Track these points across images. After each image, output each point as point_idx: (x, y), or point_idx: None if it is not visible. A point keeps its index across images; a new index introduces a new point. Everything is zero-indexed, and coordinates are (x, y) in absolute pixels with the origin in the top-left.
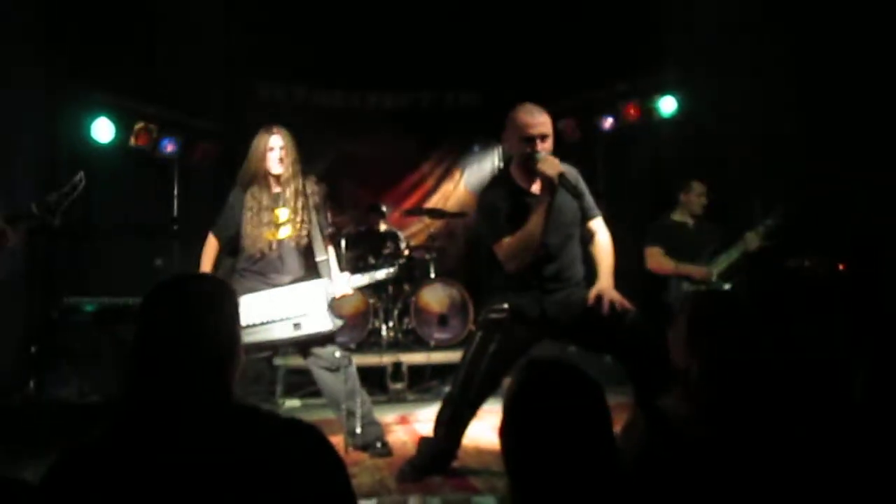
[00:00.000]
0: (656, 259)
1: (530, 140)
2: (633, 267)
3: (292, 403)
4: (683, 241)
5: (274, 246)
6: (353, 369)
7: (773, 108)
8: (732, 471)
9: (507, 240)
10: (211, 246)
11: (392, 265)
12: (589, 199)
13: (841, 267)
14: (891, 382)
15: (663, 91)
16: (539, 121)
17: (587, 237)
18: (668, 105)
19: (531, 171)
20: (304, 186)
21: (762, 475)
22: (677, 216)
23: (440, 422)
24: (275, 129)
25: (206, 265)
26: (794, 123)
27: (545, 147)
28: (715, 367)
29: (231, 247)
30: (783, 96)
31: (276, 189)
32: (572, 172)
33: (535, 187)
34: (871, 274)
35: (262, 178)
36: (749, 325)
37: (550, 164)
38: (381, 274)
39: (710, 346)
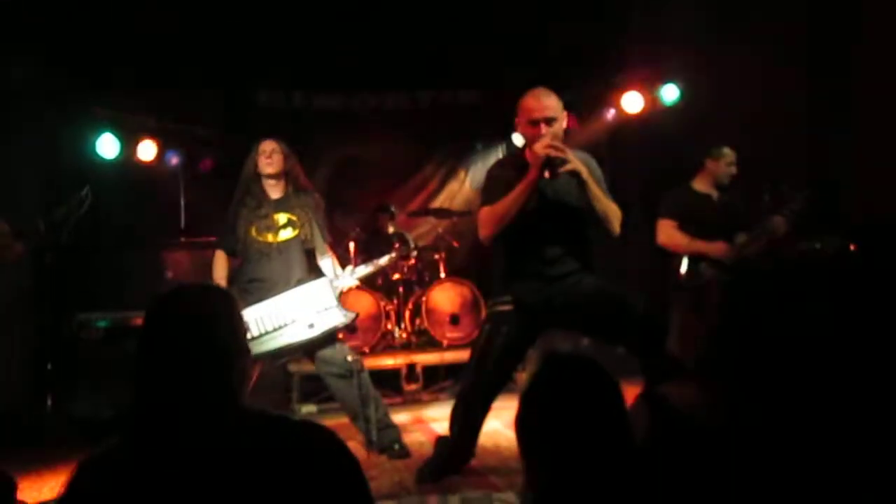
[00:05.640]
0: (668, 233)
1: (535, 123)
2: (638, 260)
3: (309, 409)
4: (704, 215)
5: (273, 247)
6: (366, 374)
7: (776, 92)
8: (744, 459)
9: (487, 207)
10: (220, 259)
11: (393, 252)
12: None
13: (852, 248)
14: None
15: (665, 79)
16: (544, 104)
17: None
18: (670, 93)
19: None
20: (303, 195)
21: (774, 463)
22: (700, 185)
23: (455, 419)
24: (268, 138)
25: (219, 277)
26: (798, 108)
27: (552, 130)
28: (743, 356)
29: (237, 258)
30: (786, 80)
31: (275, 195)
32: (583, 157)
33: (546, 173)
34: (882, 255)
35: (255, 181)
36: (782, 315)
37: (541, 143)
38: (383, 260)
39: (742, 338)
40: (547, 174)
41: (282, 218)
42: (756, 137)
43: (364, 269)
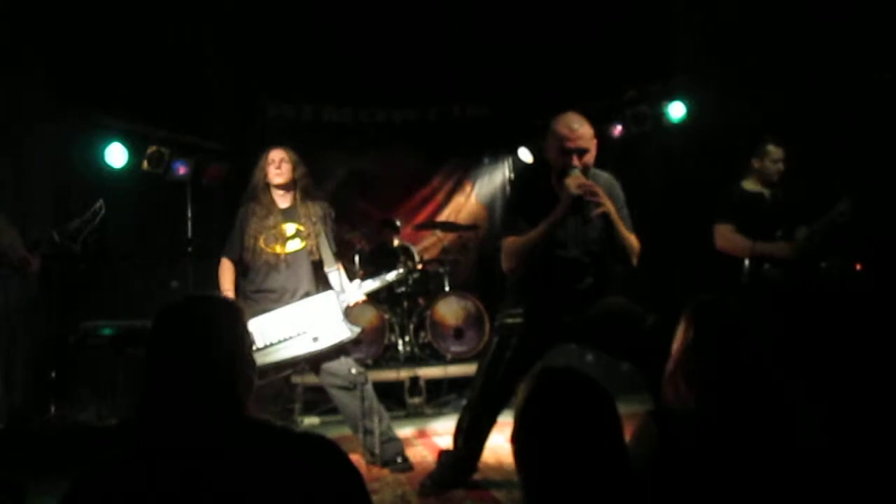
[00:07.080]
0: (727, 237)
1: (568, 153)
2: (644, 277)
3: (311, 421)
4: (758, 214)
5: (281, 259)
6: (369, 387)
7: (783, 111)
8: (746, 476)
9: (511, 238)
10: (226, 268)
11: (399, 266)
12: (618, 211)
13: (858, 267)
14: None
15: (672, 96)
16: (578, 134)
17: None
18: (676, 110)
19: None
20: (312, 204)
21: (777, 481)
22: (750, 185)
23: (459, 430)
24: (277, 147)
25: (226, 287)
26: (805, 126)
27: (583, 162)
28: (731, 377)
29: (243, 267)
30: (793, 100)
31: (283, 204)
32: (606, 183)
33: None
34: (888, 274)
35: (264, 190)
36: (765, 331)
37: (575, 182)
38: (391, 276)
39: (724, 356)
40: (576, 212)
41: (289, 228)
42: None
43: (372, 284)
